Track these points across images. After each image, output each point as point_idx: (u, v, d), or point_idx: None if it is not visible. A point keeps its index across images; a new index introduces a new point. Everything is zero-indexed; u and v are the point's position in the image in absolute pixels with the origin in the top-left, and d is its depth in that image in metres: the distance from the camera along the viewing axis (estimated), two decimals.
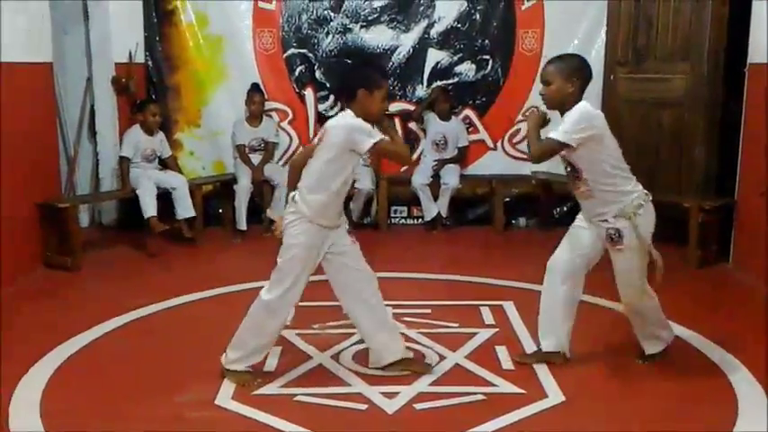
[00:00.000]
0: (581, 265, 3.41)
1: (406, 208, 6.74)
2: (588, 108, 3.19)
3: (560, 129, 3.17)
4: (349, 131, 3.15)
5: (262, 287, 3.31)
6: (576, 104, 3.19)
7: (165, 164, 6.12)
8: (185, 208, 5.85)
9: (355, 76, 3.30)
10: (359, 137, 3.14)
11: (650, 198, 3.26)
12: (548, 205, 6.69)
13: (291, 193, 3.28)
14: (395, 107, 6.67)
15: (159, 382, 3.38)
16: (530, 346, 3.75)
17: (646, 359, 3.55)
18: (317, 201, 3.20)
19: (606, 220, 3.25)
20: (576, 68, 3.23)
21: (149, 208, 5.64)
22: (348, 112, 3.21)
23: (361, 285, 3.37)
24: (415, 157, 6.73)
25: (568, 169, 3.29)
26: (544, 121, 3.32)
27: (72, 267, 5.20)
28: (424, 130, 6.66)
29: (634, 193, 3.23)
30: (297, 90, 6.68)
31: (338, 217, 3.31)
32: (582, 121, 3.14)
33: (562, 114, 3.23)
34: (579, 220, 3.44)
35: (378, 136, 3.16)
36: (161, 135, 6.11)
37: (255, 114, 6.40)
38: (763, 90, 4.93)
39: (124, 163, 5.88)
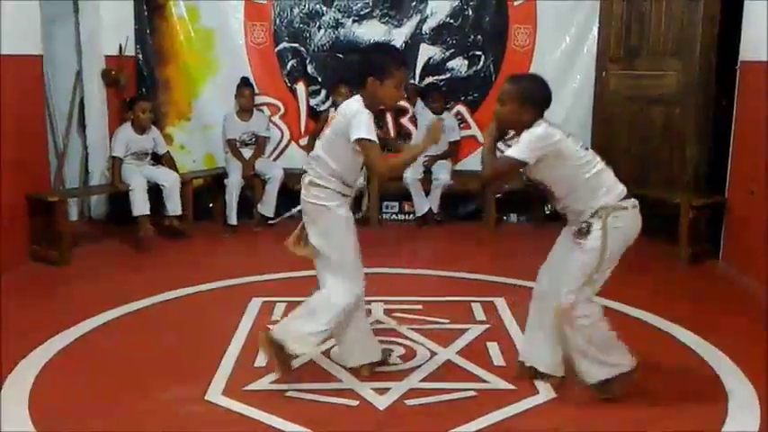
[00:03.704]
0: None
1: (397, 203, 6.71)
2: (546, 130, 2.96)
3: (516, 147, 2.98)
4: (350, 118, 3.04)
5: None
6: (533, 126, 2.99)
7: (159, 160, 6.02)
8: (175, 205, 5.79)
9: (366, 63, 3.18)
10: (356, 124, 3.01)
11: (635, 207, 3.03)
12: (539, 202, 6.68)
13: (304, 179, 3.18)
14: None
15: (149, 378, 3.36)
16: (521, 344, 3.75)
17: (594, 388, 3.14)
18: (330, 168, 3.12)
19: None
20: (530, 95, 3.01)
21: (140, 207, 5.56)
22: (357, 97, 3.12)
23: None
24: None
25: (541, 188, 3.12)
26: (502, 135, 3.17)
27: (60, 261, 5.16)
28: (415, 121, 6.64)
29: (609, 202, 2.98)
30: (288, 84, 6.65)
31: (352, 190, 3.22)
32: (537, 140, 2.94)
33: (518, 135, 3.06)
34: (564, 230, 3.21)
35: (371, 135, 3.00)
36: (155, 132, 5.98)
37: (246, 108, 6.37)
38: (754, 88, 4.94)
39: (116, 163, 5.72)
